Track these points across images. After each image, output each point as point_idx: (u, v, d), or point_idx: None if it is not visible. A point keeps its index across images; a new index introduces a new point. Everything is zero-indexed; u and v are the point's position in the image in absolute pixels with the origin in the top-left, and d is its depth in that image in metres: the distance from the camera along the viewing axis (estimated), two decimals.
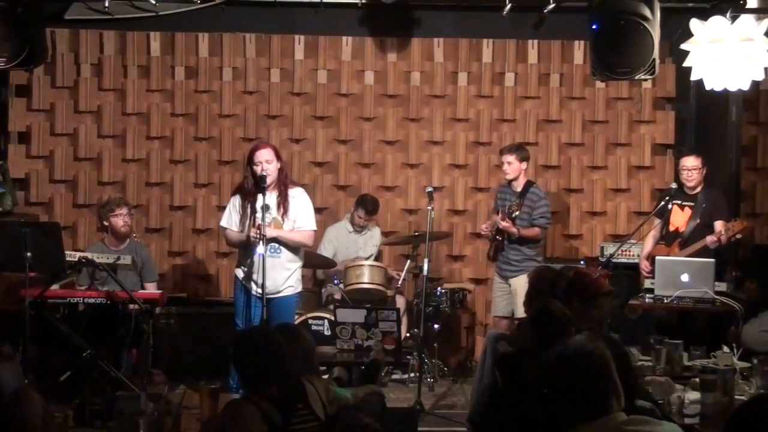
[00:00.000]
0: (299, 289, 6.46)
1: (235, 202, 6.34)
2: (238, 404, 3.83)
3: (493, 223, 7.30)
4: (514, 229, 7.04)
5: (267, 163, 6.17)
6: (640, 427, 2.94)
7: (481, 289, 8.28)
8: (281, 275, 6.21)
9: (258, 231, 6.01)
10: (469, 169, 8.35)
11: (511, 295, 7.12)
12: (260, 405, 3.72)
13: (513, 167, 7.21)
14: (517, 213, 7.03)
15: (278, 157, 6.26)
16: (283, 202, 6.23)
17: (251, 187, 6.19)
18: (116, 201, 7.23)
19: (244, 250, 6.32)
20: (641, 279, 7.18)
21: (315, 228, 6.44)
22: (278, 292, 6.20)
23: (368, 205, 7.78)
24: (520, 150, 7.29)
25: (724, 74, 6.29)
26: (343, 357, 5.82)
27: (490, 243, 7.46)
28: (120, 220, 7.08)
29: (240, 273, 6.35)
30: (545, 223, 7.25)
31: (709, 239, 6.72)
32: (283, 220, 6.23)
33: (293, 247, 6.30)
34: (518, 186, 7.26)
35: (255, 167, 6.16)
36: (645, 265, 7.06)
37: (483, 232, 7.51)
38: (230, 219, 6.34)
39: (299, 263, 6.38)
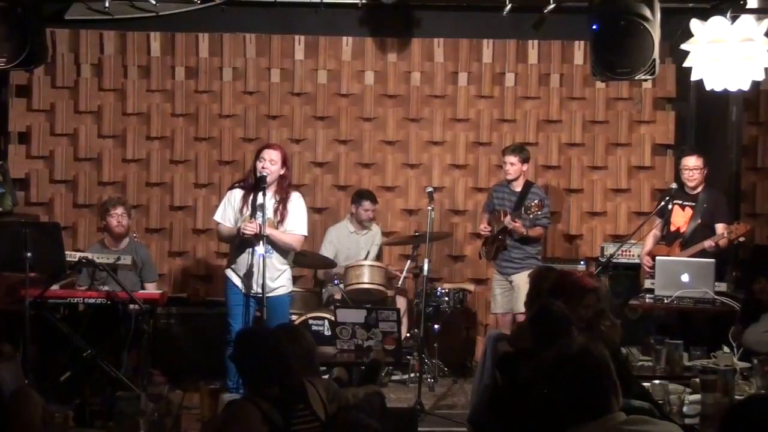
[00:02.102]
0: (290, 288, 6.52)
1: (231, 197, 6.36)
2: (239, 405, 3.83)
3: (493, 221, 7.37)
4: (523, 230, 7.14)
5: (271, 162, 6.20)
6: (639, 427, 2.94)
7: (482, 289, 8.28)
8: (272, 275, 6.22)
9: (250, 225, 6.05)
10: (469, 170, 8.35)
11: (513, 291, 7.29)
12: (260, 405, 3.72)
13: (515, 168, 7.35)
14: (539, 213, 7.07)
15: (284, 162, 6.28)
16: (281, 208, 6.26)
17: (252, 183, 6.23)
18: (112, 201, 7.18)
19: (236, 249, 6.34)
20: (641, 279, 7.18)
21: (306, 234, 6.46)
22: (271, 292, 6.21)
23: (370, 196, 7.80)
24: (523, 151, 7.45)
25: (724, 74, 6.29)
26: (343, 357, 5.81)
27: (487, 243, 7.51)
28: (114, 220, 7.04)
29: (231, 273, 6.36)
30: (547, 222, 7.44)
31: (707, 243, 6.72)
32: (277, 225, 6.25)
33: (282, 249, 6.31)
34: (517, 186, 7.40)
35: (258, 163, 6.22)
36: (647, 260, 7.07)
37: (482, 232, 7.55)
38: (224, 214, 6.37)
39: (288, 265, 6.42)
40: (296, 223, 6.33)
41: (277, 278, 6.30)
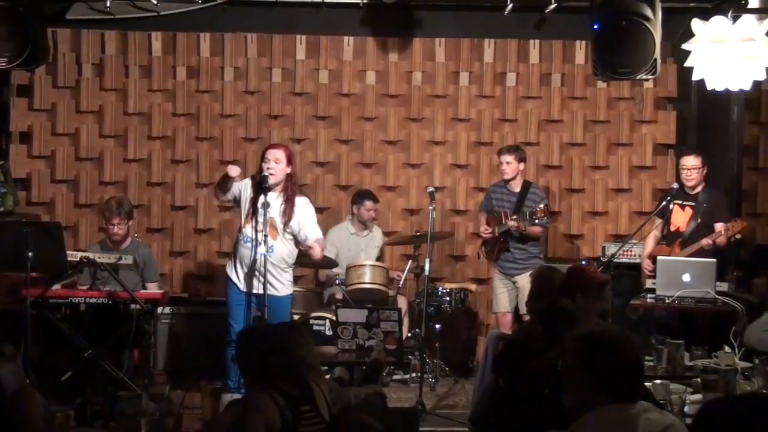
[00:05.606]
0: (291, 290, 6.52)
1: (244, 183, 6.36)
2: (257, 396, 3.76)
3: (492, 222, 7.40)
4: (522, 228, 7.15)
5: (275, 162, 6.19)
6: (653, 415, 2.95)
7: (483, 289, 8.28)
8: (274, 276, 6.22)
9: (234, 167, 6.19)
10: (470, 169, 8.35)
11: (517, 291, 7.32)
12: (277, 401, 3.70)
13: (512, 167, 7.36)
14: (545, 219, 7.13)
15: (289, 161, 6.27)
16: (288, 210, 6.25)
17: (257, 183, 6.22)
18: (112, 210, 6.96)
19: (238, 246, 6.33)
20: (643, 279, 7.19)
21: (322, 235, 6.54)
22: (272, 292, 6.19)
23: (370, 196, 7.81)
24: (519, 150, 7.48)
25: (725, 74, 6.29)
26: (344, 357, 5.81)
27: (487, 245, 7.52)
28: (112, 229, 6.95)
29: (231, 271, 6.36)
30: (547, 222, 7.39)
31: (705, 242, 6.72)
32: (285, 227, 6.25)
33: (290, 249, 6.32)
34: (515, 186, 7.41)
35: (263, 164, 6.22)
36: (647, 264, 7.07)
37: (483, 235, 7.56)
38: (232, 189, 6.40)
39: (290, 267, 6.42)
40: (311, 229, 6.33)
41: (279, 279, 6.29)
